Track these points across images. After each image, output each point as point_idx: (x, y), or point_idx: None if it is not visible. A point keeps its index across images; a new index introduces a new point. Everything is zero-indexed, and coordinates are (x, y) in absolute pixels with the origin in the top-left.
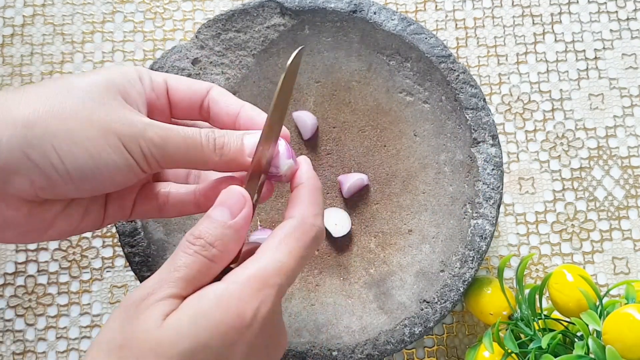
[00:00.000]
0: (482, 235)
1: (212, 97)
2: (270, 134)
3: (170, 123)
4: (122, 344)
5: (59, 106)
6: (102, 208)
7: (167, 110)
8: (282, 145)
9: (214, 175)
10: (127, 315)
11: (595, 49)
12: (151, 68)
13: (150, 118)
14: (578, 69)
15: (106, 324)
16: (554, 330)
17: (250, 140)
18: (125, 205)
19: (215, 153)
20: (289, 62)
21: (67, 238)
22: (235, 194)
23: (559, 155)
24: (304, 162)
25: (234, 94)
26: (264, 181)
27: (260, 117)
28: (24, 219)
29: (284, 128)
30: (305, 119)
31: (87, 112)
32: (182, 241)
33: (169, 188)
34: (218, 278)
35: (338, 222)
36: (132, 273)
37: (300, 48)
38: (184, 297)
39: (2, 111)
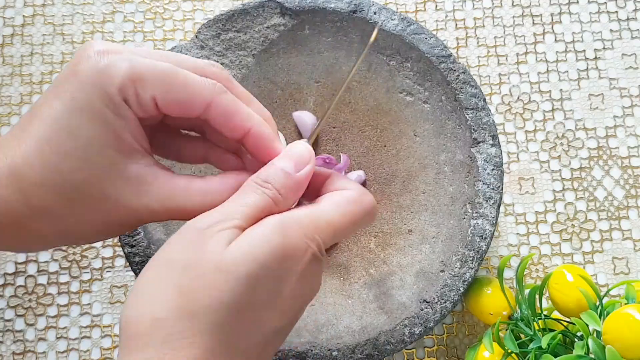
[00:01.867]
0: (482, 235)
1: (215, 117)
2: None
3: (163, 129)
4: (186, 264)
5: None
6: None
7: (157, 117)
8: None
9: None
10: (190, 240)
11: (595, 49)
12: None
13: (143, 130)
14: (578, 69)
15: (165, 247)
16: (554, 330)
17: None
18: None
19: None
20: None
21: None
22: (301, 150)
23: (559, 155)
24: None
25: None
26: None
27: (272, 145)
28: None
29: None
30: (305, 119)
31: (89, 214)
32: (247, 182)
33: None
34: None
35: None
36: (132, 273)
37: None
38: None
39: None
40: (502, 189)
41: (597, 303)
